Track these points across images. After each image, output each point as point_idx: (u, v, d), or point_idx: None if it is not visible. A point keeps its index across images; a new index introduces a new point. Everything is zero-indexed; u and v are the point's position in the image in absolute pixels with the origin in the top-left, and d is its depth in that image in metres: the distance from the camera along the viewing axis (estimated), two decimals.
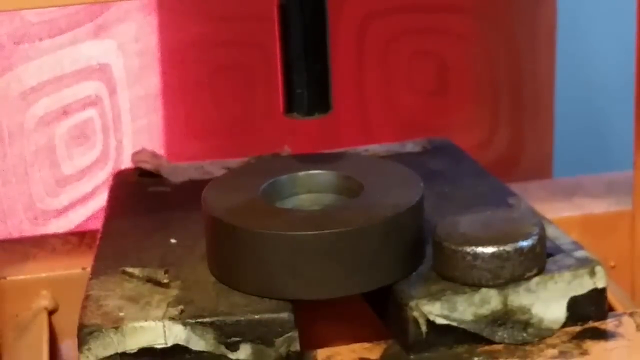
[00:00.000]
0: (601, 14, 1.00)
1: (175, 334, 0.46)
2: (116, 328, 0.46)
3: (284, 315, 0.46)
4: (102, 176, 0.77)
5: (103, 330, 0.46)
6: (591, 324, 0.48)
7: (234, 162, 0.62)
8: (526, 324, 0.48)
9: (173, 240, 0.53)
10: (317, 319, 0.50)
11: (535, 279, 0.48)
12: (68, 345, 0.58)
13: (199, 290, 0.48)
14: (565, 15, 0.86)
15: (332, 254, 0.46)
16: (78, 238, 0.63)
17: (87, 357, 0.46)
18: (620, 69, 0.83)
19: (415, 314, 0.47)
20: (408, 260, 0.49)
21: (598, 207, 0.67)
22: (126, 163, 0.79)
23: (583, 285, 0.48)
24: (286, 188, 0.52)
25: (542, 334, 0.48)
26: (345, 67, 0.80)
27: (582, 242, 0.51)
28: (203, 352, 0.46)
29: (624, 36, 0.76)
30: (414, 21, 0.80)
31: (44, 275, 0.59)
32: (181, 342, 0.46)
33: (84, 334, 0.46)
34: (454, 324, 0.47)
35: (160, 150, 0.80)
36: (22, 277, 0.59)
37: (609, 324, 0.49)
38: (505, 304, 0.47)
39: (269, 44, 0.54)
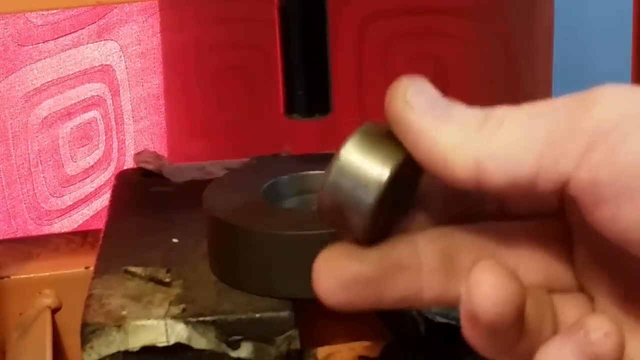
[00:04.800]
0: (598, 15, 1.00)
1: (177, 332, 0.46)
2: (119, 326, 0.46)
3: (285, 313, 0.46)
4: (105, 176, 0.78)
5: (106, 328, 0.46)
6: None
7: (235, 162, 0.62)
8: None
9: (175, 240, 0.53)
10: (317, 318, 0.50)
11: None
12: (71, 344, 0.58)
13: (201, 289, 0.48)
14: (563, 17, 0.87)
15: None
16: (81, 237, 0.63)
17: (90, 355, 0.46)
18: (617, 70, 0.83)
19: (414, 312, 0.47)
20: None
21: None
22: (128, 163, 0.79)
23: None
24: (287, 188, 0.52)
25: None
26: (345, 69, 0.80)
27: None
28: (204, 350, 0.46)
29: (621, 37, 0.76)
30: (413, 23, 0.81)
31: (47, 274, 0.59)
32: (183, 341, 0.46)
33: (87, 333, 0.46)
34: (453, 322, 0.47)
35: (162, 151, 0.81)
36: (25, 276, 0.59)
37: None
38: None
39: (269, 46, 0.54)
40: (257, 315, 0.46)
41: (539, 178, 0.30)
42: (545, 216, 0.35)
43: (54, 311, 0.59)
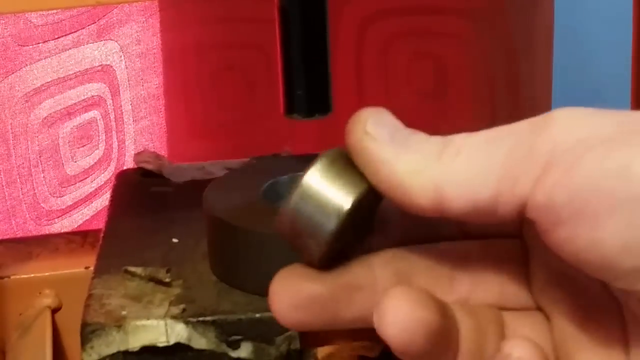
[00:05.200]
0: (598, 14, 1.00)
1: (177, 332, 0.46)
2: (119, 326, 0.46)
3: None
4: (105, 176, 0.78)
5: (106, 328, 0.46)
6: None
7: (235, 162, 0.62)
8: None
9: (175, 240, 0.53)
10: None
11: None
12: (71, 344, 0.58)
13: (201, 289, 0.48)
14: (562, 17, 0.87)
15: None
16: (81, 237, 0.63)
17: (90, 355, 0.46)
18: (617, 69, 0.83)
19: None
20: None
21: None
22: (128, 163, 0.79)
23: None
24: (287, 188, 0.52)
25: None
26: (345, 68, 0.81)
27: None
28: (204, 350, 0.46)
29: (621, 36, 0.76)
30: (412, 23, 0.81)
31: (47, 274, 0.59)
32: (183, 341, 0.46)
33: (87, 332, 0.46)
34: None
35: (162, 151, 0.81)
36: (25, 276, 0.59)
37: None
38: None
39: (269, 46, 0.54)
40: (257, 315, 0.46)
41: (498, 202, 0.30)
42: (503, 237, 0.35)
43: (54, 311, 0.59)
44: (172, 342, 0.46)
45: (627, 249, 0.29)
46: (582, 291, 0.33)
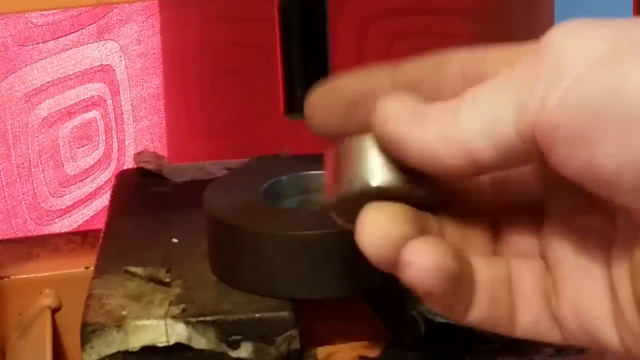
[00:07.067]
0: (598, 14, 1.00)
1: (177, 332, 0.46)
2: (119, 326, 0.46)
3: (285, 314, 0.46)
4: (105, 176, 0.78)
5: (106, 328, 0.46)
6: None
7: (235, 162, 0.62)
8: None
9: (175, 240, 0.53)
10: (317, 318, 0.50)
11: None
12: (71, 344, 0.58)
13: (201, 289, 0.48)
14: (563, 17, 0.87)
15: (332, 253, 0.47)
16: (81, 237, 0.63)
17: (90, 355, 0.46)
18: None
19: (414, 312, 0.47)
20: None
21: None
22: (128, 164, 0.79)
23: None
24: (287, 188, 0.52)
25: None
26: (345, 68, 0.80)
27: None
28: (204, 350, 0.46)
29: None
30: (413, 23, 0.81)
31: (47, 274, 0.59)
32: (183, 341, 0.46)
33: (87, 333, 0.46)
34: (452, 322, 0.47)
35: (162, 151, 0.81)
36: (25, 276, 0.59)
37: None
38: None
39: (269, 45, 0.54)
40: (257, 315, 0.46)
41: (522, 137, 0.31)
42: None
43: (54, 311, 0.59)
44: (172, 342, 0.46)
45: (622, 169, 0.29)
46: (577, 197, 0.34)
